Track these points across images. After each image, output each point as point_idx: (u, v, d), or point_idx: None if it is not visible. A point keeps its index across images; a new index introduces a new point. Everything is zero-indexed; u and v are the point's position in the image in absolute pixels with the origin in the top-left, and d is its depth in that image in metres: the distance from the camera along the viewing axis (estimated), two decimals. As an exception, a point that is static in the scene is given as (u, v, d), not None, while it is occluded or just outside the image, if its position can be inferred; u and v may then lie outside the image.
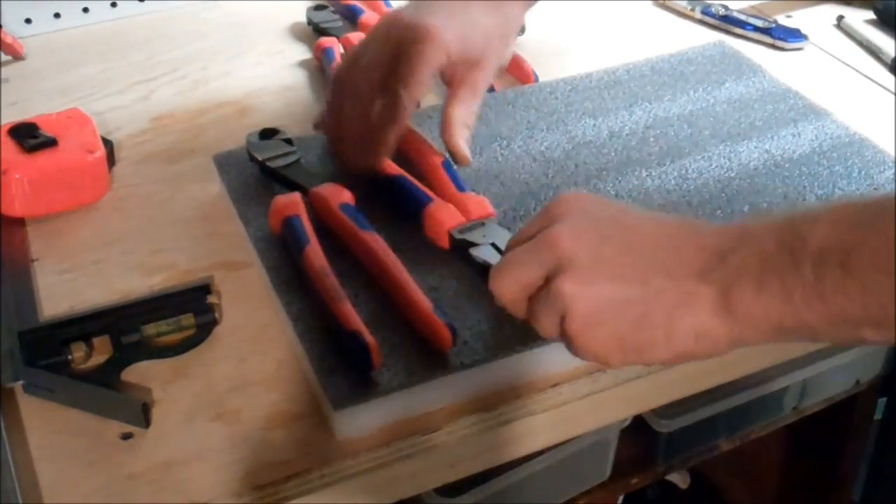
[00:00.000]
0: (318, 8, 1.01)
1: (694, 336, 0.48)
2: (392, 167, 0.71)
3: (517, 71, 0.90)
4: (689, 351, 0.49)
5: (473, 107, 0.72)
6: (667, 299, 0.48)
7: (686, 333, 0.48)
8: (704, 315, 0.48)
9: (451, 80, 0.72)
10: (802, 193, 0.72)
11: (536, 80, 0.88)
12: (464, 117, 0.71)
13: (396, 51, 0.69)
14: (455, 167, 0.71)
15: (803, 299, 0.45)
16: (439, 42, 0.68)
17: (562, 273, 0.50)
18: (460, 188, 0.69)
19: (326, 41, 0.93)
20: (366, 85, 0.71)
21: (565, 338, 0.52)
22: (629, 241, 0.50)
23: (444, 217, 0.66)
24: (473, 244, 0.64)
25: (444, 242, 0.66)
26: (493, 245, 0.64)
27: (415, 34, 0.68)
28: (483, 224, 0.66)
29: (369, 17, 0.98)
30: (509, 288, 0.53)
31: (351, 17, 1.00)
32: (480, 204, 0.67)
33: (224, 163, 0.76)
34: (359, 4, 1.00)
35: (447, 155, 0.71)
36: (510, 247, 0.55)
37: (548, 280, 0.51)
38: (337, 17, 0.99)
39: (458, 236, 0.65)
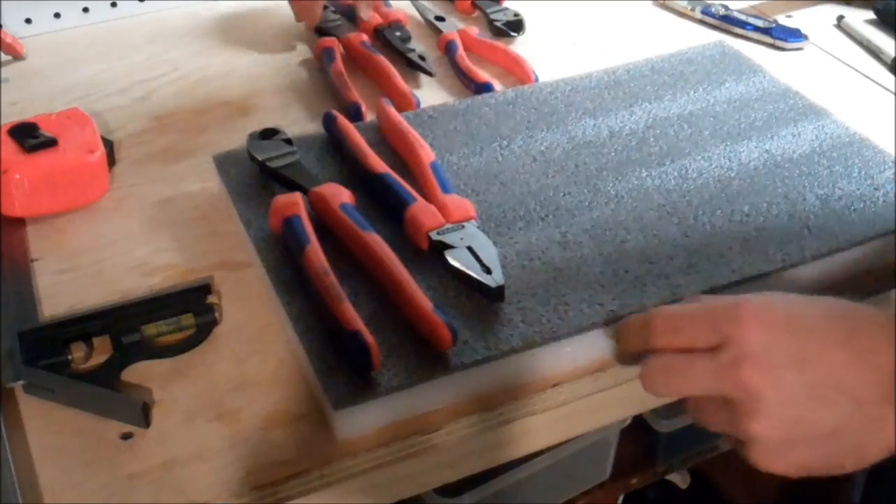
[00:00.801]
0: (318, 8, 1.01)
1: (886, 453, 0.49)
2: (380, 164, 0.71)
3: (517, 71, 0.90)
4: (877, 461, 0.49)
5: None
6: (857, 428, 0.48)
7: (878, 453, 0.49)
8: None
9: None
10: (802, 193, 0.72)
11: (536, 80, 0.88)
12: None
13: None
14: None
15: None
16: None
17: (750, 415, 0.49)
18: (445, 189, 0.69)
19: (326, 41, 0.93)
20: None
21: (745, 454, 0.51)
22: (816, 374, 0.48)
23: (424, 218, 0.66)
24: (450, 246, 0.64)
25: (424, 244, 0.66)
26: (470, 249, 0.64)
27: None
28: (462, 227, 0.66)
29: (370, 16, 0.98)
30: (669, 392, 0.52)
31: (351, 16, 1.00)
32: (462, 206, 0.67)
33: (224, 163, 0.76)
34: (359, 4, 1.00)
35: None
36: (658, 326, 0.52)
37: (725, 401, 0.50)
38: (337, 16, 0.99)
39: (436, 238, 0.65)
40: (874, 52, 0.96)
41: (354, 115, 0.83)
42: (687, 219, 0.70)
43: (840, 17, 1.02)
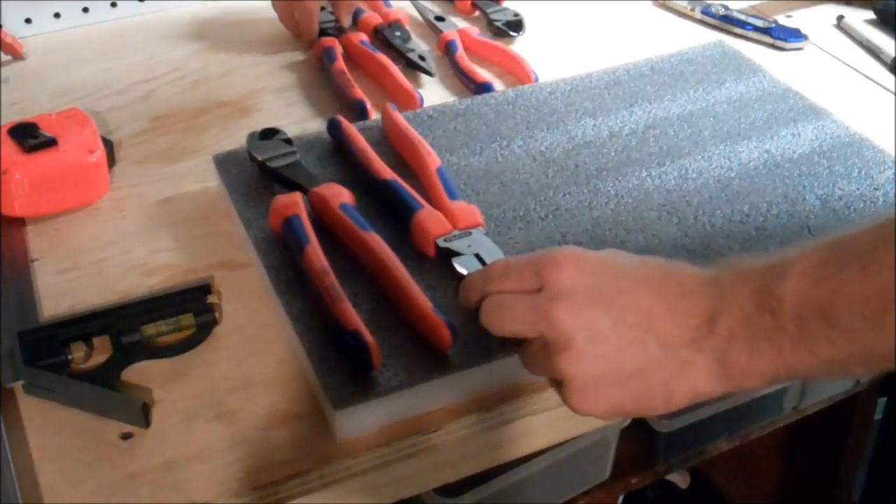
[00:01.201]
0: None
1: (692, 396, 0.50)
2: (386, 171, 0.71)
3: (517, 71, 0.90)
4: (685, 406, 0.51)
5: None
6: (664, 369, 0.49)
7: (684, 396, 0.50)
8: (702, 379, 0.49)
9: None
10: (802, 193, 0.72)
11: (536, 80, 0.88)
12: None
13: None
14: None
15: (793, 353, 0.46)
16: None
17: (560, 352, 0.51)
18: (452, 196, 0.69)
19: (326, 41, 0.93)
20: None
21: (562, 397, 0.53)
22: (625, 313, 0.50)
23: (431, 225, 0.66)
24: (457, 254, 0.64)
25: (430, 250, 0.65)
26: (477, 256, 0.64)
27: None
28: (470, 234, 0.66)
29: (370, 16, 0.98)
30: (498, 329, 0.54)
31: (351, 16, 1.00)
32: (469, 213, 0.67)
33: (224, 163, 0.76)
34: (359, 4, 1.00)
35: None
36: (492, 274, 0.55)
37: (543, 343, 0.52)
38: (333, 17, 0.99)
39: (443, 245, 0.65)
40: (874, 52, 0.96)
41: (359, 112, 0.83)
42: (687, 219, 0.70)
43: (840, 17, 1.02)
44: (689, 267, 0.51)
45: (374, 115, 0.83)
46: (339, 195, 0.69)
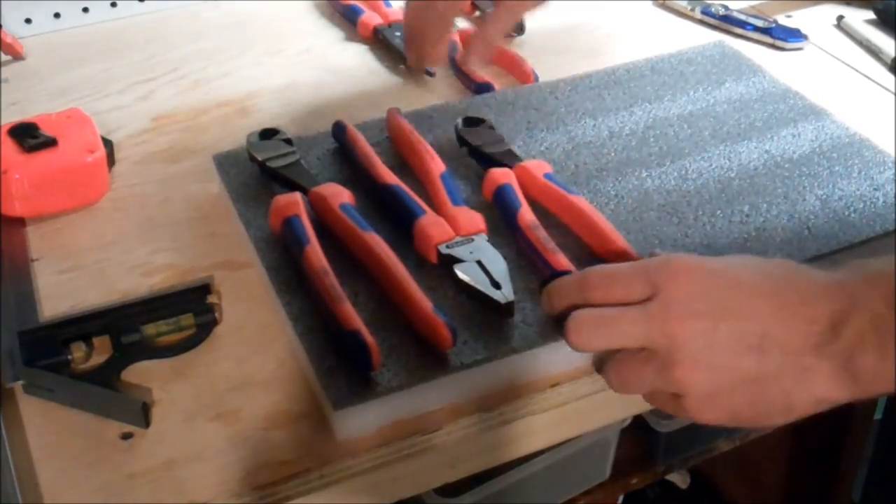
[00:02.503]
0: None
1: (814, 404, 0.49)
2: (389, 175, 0.71)
3: (517, 71, 0.90)
4: (808, 414, 0.50)
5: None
6: (784, 377, 0.49)
7: (806, 404, 0.49)
8: (825, 386, 0.48)
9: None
10: (802, 194, 0.72)
11: (536, 79, 0.88)
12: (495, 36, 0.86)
13: None
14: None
15: None
16: None
17: (677, 363, 0.49)
18: (455, 201, 0.69)
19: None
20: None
21: (676, 409, 0.52)
22: (741, 321, 0.49)
23: (433, 231, 0.65)
24: (459, 260, 0.64)
25: (432, 257, 0.65)
26: (479, 263, 0.63)
27: None
28: (472, 240, 0.66)
29: (369, 16, 0.98)
30: (598, 344, 0.52)
31: (351, 16, 1.00)
32: (472, 219, 0.67)
33: (224, 163, 0.76)
34: (359, 4, 1.00)
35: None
36: (592, 281, 0.53)
37: (649, 356, 0.51)
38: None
39: (445, 251, 0.65)
40: (874, 52, 0.96)
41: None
42: (687, 219, 0.70)
43: (840, 17, 1.02)
44: (811, 272, 0.50)
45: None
46: (339, 195, 0.69)
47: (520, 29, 0.98)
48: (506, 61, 0.92)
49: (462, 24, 0.97)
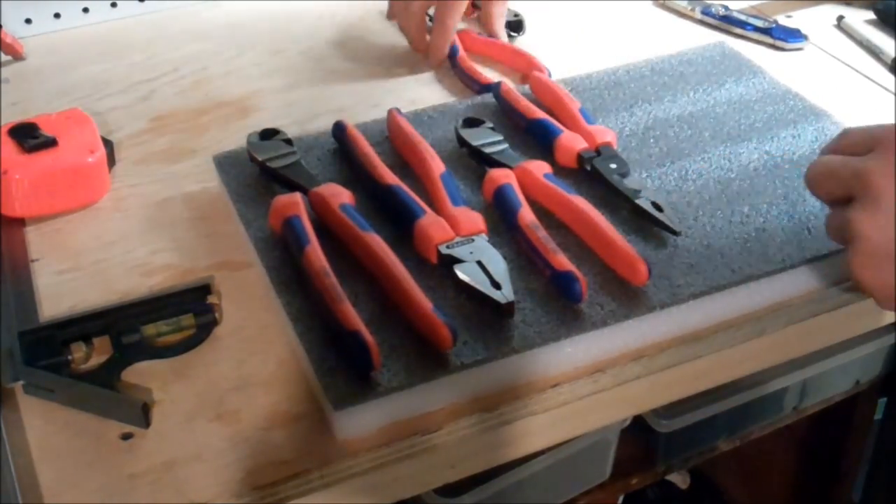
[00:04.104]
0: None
1: None
2: (389, 175, 0.71)
3: (523, 64, 0.90)
4: None
5: None
6: None
7: None
8: None
9: None
10: (802, 194, 0.72)
11: (549, 73, 0.88)
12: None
13: None
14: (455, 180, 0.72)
15: None
16: None
17: (860, 208, 0.52)
18: (455, 202, 0.69)
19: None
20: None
21: (845, 259, 0.55)
22: None
23: (433, 232, 0.65)
24: (459, 260, 0.64)
25: (432, 257, 0.65)
26: (479, 263, 0.63)
27: None
28: (472, 241, 0.66)
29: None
30: (815, 188, 0.59)
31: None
32: (473, 220, 0.67)
33: (224, 163, 0.76)
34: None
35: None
36: (833, 140, 0.60)
37: (851, 202, 0.54)
38: None
39: (445, 251, 0.65)
40: (874, 52, 0.96)
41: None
42: (687, 219, 0.70)
43: (840, 17, 1.02)
44: None
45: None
46: (339, 195, 0.69)
47: (520, 28, 0.98)
48: (510, 57, 0.93)
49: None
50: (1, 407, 0.59)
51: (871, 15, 1.02)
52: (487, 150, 0.75)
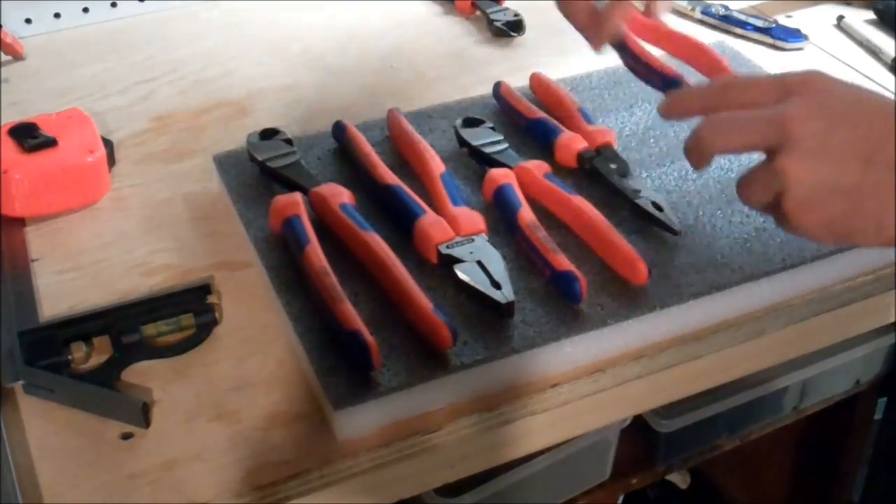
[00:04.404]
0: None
1: None
2: (389, 175, 0.71)
3: (703, 59, 0.81)
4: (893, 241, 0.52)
5: None
6: (884, 191, 0.50)
7: (893, 228, 0.51)
8: None
9: None
10: (802, 193, 0.72)
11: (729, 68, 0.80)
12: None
13: None
14: (454, 181, 0.72)
15: None
16: None
17: (787, 154, 0.51)
18: (455, 202, 0.69)
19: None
20: None
21: (777, 212, 0.54)
22: (857, 130, 0.51)
23: (433, 232, 0.65)
24: (459, 260, 0.64)
25: (432, 257, 0.65)
26: (479, 263, 0.63)
27: None
28: (472, 241, 0.66)
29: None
30: (722, 144, 0.55)
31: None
32: (473, 219, 0.67)
33: (224, 163, 0.76)
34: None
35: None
36: (729, 86, 0.56)
37: (768, 153, 0.53)
38: None
39: (445, 251, 0.65)
40: (874, 52, 0.96)
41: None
42: (687, 219, 0.70)
43: (840, 17, 1.02)
44: None
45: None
46: (339, 195, 0.69)
47: (519, 28, 0.98)
48: (685, 49, 0.83)
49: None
50: (1, 407, 0.59)
51: (871, 15, 1.02)
52: (487, 150, 0.75)
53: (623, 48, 0.80)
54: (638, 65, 0.81)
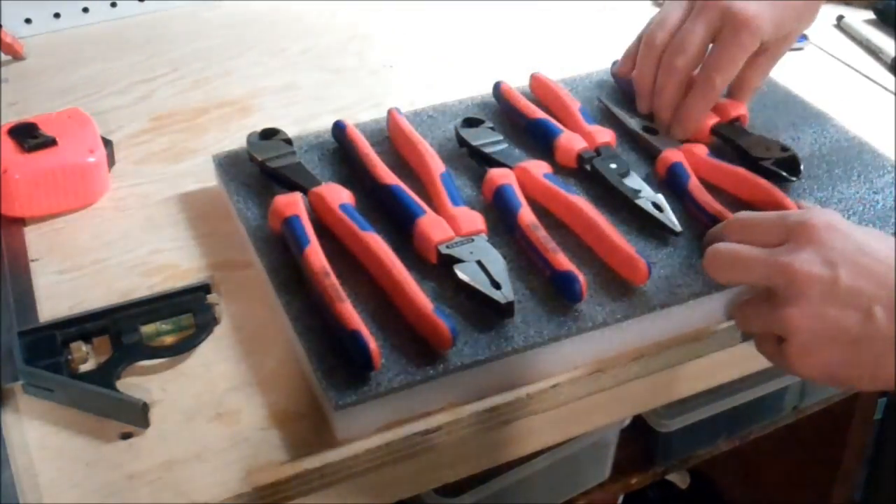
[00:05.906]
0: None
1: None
2: (389, 175, 0.71)
3: (767, 200, 0.69)
4: (888, 388, 0.53)
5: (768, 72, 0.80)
6: (881, 344, 0.52)
7: (888, 378, 0.52)
8: None
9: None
10: (802, 196, 0.72)
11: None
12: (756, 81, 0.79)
13: (714, 35, 0.74)
14: (453, 189, 0.72)
15: None
16: (756, 29, 0.72)
17: (792, 304, 0.53)
18: (455, 202, 0.69)
19: None
20: (682, 64, 0.75)
21: (777, 355, 0.56)
22: (860, 281, 0.52)
23: (433, 232, 0.65)
24: (459, 260, 0.64)
25: (432, 257, 0.65)
26: (479, 263, 0.63)
27: (733, 21, 0.72)
28: (472, 240, 0.66)
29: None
30: (725, 278, 0.58)
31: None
32: (472, 219, 0.67)
33: (224, 163, 0.76)
34: None
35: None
36: (735, 225, 0.60)
37: (772, 296, 0.54)
38: None
39: (445, 251, 0.65)
40: (874, 52, 0.96)
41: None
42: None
43: (840, 17, 1.02)
44: None
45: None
46: (339, 195, 0.69)
47: (797, 171, 0.93)
48: (750, 190, 0.71)
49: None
50: (1, 407, 0.59)
51: (871, 15, 1.02)
52: (487, 149, 0.75)
53: (685, 193, 0.71)
54: (700, 213, 0.69)
